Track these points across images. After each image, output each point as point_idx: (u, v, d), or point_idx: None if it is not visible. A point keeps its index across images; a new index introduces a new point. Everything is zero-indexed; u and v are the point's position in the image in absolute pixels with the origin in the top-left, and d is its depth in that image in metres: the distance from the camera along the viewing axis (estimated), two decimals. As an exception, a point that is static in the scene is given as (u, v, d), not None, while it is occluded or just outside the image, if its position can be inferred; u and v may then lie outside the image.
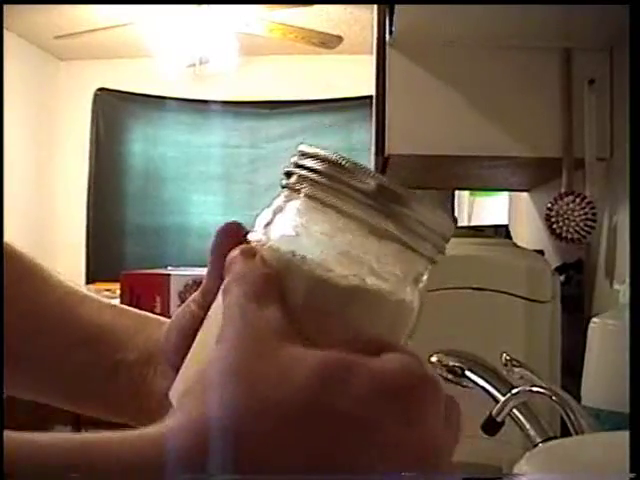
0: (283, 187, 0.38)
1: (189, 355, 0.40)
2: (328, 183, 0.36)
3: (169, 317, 0.48)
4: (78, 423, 3.54)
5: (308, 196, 0.36)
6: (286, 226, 0.37)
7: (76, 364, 0.49)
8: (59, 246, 4.94)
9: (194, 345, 0.40)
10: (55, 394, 0.51)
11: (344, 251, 0.35)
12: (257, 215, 0.40)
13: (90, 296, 0.52)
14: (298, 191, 0.37)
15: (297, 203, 0.37)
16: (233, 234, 0.41)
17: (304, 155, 0.37)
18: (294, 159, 0.38)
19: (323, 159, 0.36)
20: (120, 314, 0.52)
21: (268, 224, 0.38)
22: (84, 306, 0.51)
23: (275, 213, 0.38)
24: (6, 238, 0.52)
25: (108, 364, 0.48)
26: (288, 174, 0.38)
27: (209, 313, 0.40)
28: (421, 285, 0.37)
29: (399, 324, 0.37)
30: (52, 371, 0.50)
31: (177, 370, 0.41)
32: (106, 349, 0.49)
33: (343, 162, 0.36)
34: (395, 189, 0.35)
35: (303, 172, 0.37)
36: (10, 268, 0.50)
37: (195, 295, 0.45)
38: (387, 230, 0.35)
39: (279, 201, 0.38)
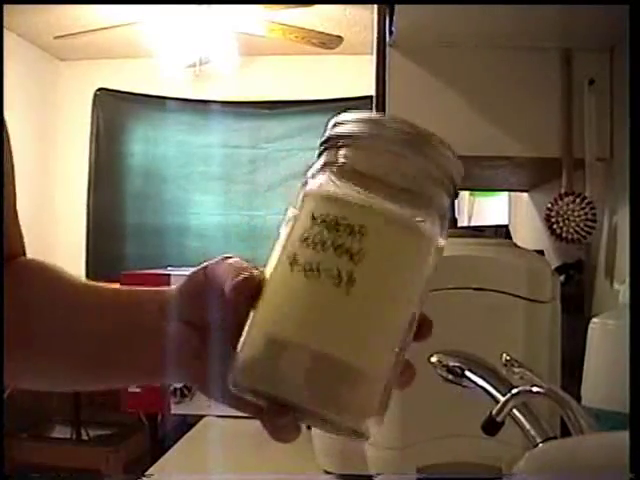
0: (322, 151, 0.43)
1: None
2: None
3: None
4: (78, 423, 3.54)
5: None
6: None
7: (96, 328, 0.55)
8: (59, 246, 4.93)
9: None
10: (71, 366, 0.56)
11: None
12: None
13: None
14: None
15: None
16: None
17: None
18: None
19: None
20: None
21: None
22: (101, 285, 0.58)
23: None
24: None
25: (122, 318, 0.54)
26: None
27: None
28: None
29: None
30: (70, 340, 0.55)
31: (184, 321, 0.48)
32: (123, 310, 0.54)
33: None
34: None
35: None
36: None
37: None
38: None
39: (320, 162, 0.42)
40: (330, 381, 0.36)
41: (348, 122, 0.41)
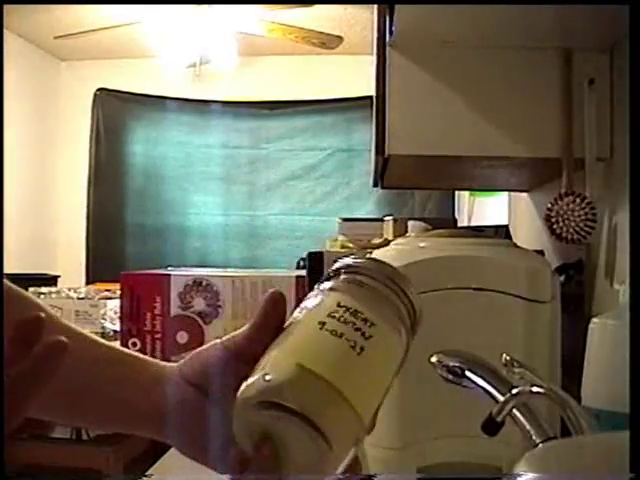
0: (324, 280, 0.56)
1: None
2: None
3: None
4: (79, 427, 3.53)
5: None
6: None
7: (102, 380, 0.61)
8: (59, 246, 4.94)
9: None
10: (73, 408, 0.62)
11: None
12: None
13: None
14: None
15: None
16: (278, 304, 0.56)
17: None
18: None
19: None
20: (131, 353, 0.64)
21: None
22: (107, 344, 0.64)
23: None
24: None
25: (124, 378, 0.60)
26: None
27: None
28: None
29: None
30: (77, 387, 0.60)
31: (194, 389, 0.58)
32: (125, 368, 0.61)
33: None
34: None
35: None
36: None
37: (228, 337, 0.57)
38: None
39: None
40: (332, 407, 0.50)
41: (357, 257, 0.57)
